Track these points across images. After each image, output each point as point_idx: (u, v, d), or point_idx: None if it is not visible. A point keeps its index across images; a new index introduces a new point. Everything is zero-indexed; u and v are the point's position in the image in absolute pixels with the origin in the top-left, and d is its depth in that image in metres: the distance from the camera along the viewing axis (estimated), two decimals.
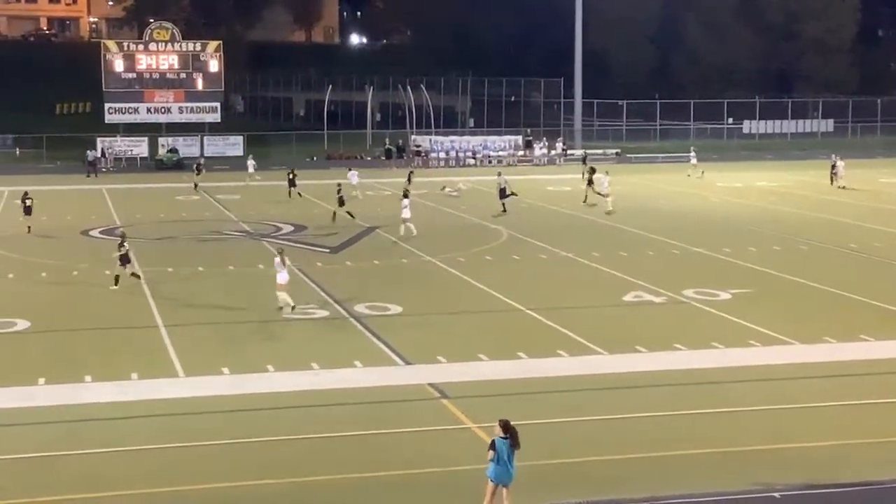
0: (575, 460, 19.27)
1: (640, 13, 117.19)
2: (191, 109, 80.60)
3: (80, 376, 24.32)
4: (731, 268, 37.53)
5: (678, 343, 27.09)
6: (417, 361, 25.66)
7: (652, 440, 20.21)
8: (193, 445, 20.16)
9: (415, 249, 41.02)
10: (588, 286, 34.74)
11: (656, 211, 52.66)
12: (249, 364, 25.27)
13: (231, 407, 22.36)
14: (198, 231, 46.37)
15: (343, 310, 30.95)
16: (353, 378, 24.36)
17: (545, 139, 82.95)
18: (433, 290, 34.03)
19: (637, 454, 19.52)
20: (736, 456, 19.47)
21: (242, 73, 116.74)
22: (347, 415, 21.90)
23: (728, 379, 24.33)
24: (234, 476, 18.59)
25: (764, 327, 28.52)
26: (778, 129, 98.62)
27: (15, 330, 28.81)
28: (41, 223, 48.32)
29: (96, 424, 21.38)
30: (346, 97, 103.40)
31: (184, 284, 35.09)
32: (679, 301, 32.12)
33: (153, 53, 79.72)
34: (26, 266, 37.98)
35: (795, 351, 26.66)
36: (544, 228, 46.30)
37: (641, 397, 22.97)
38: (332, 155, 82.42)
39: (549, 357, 26.04)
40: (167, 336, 28.01)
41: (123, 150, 78.32)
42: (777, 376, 24.60)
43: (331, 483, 18.39)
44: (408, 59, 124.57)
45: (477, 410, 21.80)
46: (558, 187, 63.42)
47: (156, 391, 23.41)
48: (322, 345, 27.09)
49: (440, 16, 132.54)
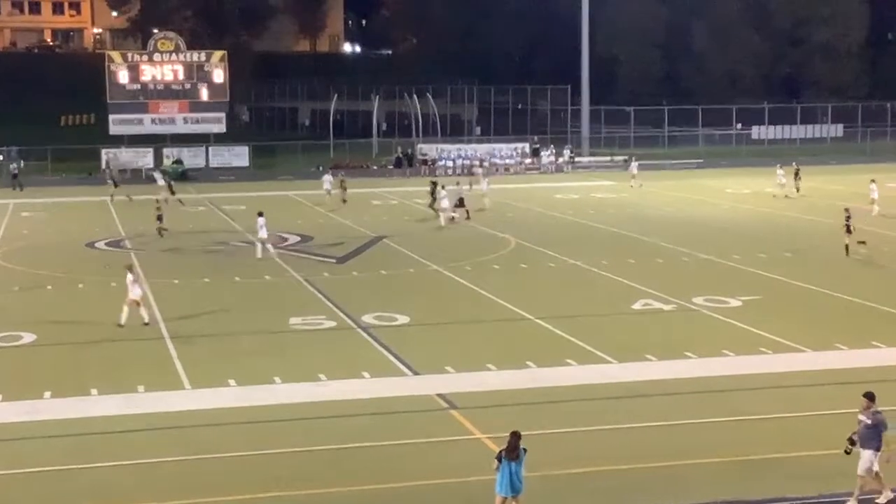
0: (584, 470, 19.08)
1: (647, 20, 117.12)
2: (196, 120, 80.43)
3: (86, 389, 24.19)
4: (740, 275, 37.32)
5: (688, 351, 26.90)
6: (425, 372, 25.50)
7: (662, 449, 20.02)
8: (200, 458, 20.01)
9: (422, 258, 40.87)
10: (597, 294, 34.56)
11: (665, 218, 52.47)
12: (256, 376, 25.12)
13: (238, 419, 22.21)
14: (203, 242, 46.25)
15: (350, 320, 30.79)
16: (361, 389, 24.22)
17: (552, 147, 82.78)
18: (441, 300, 33.86)
19: (647, 463, 19.33)
20: (747, 464, 19.29)
21: (248, 83, 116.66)
22: (355, 426, 21.73)
23: (739, 387, 24.13)
24: (241, 489, 18.43)
25: (774, 334, 28.31)
26: (787, 135, 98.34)
27: (21, 343, 28.68)
28: (46, 236, 48.26)
29: (103, 438, 21.25)
30: (351, 106, 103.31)
31: (190, 296, 34.95)
32: (689, 308, 31.92)
33: (158, 64, 79.59)
34: (32, 279, 37.87)
35: (806, 358, 26.46)
36: (552, 237, 46.11)
37: (651, 406, 22.78)
38: (339, 164, 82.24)
39: (557, 366, 25.87)
40: (173, 348, 27.87)
41: (128, 162, 78.17)
42: (788, 384, 24.42)
43: (339, 495, 18.23)
44: (414, 68, 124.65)
45: (485, 421, 21.64)
46: (566, 195, 63.24)
47: (162, 404, 23.27)
48: (329, 356, 26.93)
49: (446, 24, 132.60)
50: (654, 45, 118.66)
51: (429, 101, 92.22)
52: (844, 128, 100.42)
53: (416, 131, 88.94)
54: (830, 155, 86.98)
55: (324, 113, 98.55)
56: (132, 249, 44.43)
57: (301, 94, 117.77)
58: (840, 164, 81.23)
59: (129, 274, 30.85)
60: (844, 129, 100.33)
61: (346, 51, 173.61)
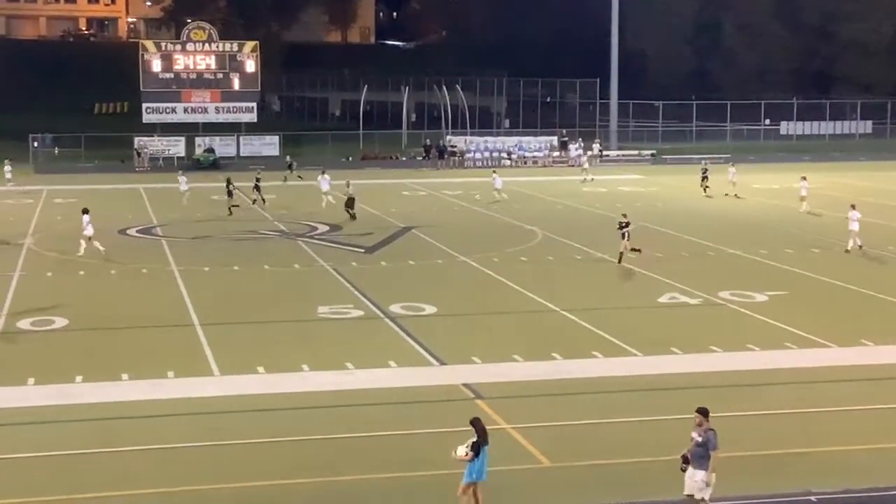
0: (608, 462, 19.22)
1: (676, 14, 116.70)
2: (227, 109, 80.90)
3: (117, 374, 24.48)
4: (767, 270, 37.32)
5: (713, 345, 26.97)
6: (452, 362, 25.67)
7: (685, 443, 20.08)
8: (228, 444, 20.25)
9: (449, 249, 41.05)
10: (623, 287, 34.66)
11: (692, 212, 52.45)
12: (284, 363, 25.36)
13: (266, 406, 22.45)
14: (233, 230, 46.57)
15: (378, 310, 31.00)
16: (388, 378, 24.41)
17: (580, 140, 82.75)
18: (468, 291, 34.02)
19: (671, 456, 19.39)
20: (771, 459, 19.37)
21: (279, 74, 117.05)
22: (382, 415, 21.94)
23: (764, 381, 24.20)
24: (267, 475, 18.66)
25: (800, 329, 28.34)
26: (816, 131, 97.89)
27: (53, 328, 29.03)
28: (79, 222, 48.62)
29: (132, 422, 21.51)
30: (381, 97, 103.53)
31: (220, 283, 35.26)
32: (714, 303, 31.97)
33: (190, 54, 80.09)
34: (64, 264, 38.28)
35: (832, 353, 26.49)
36: (579, 229, 46.20)
37: (676, 399, 22.84)
38: (368, 155, 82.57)
39: (583, 358, 26.00)
40: (203, 335, 28.16)
41: (160, 150, 78.80)
42: (813, 379, 24.46)
43: (365, 483, 18.42)
44: (443, 60, 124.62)
45: (511, 411, 21.79)
46: (594, 188, 63.26)
47: (191, 390, 23.53)
48: (357, 344, 27.14)
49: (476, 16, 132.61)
50: (683, 40, 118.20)
51: (458, 93, 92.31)
52: (873, 124, 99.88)
53: (446, 123, 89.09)
54: (860, 151, 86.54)
55: (354, 103, 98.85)
56: (163, 237, 44.82)
57: (331, 85, 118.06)
58: (869, 160, 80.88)
59: (85, 216, 39.15)
60: (873, 125, 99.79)
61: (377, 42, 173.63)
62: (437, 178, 69.30)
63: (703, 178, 59.53)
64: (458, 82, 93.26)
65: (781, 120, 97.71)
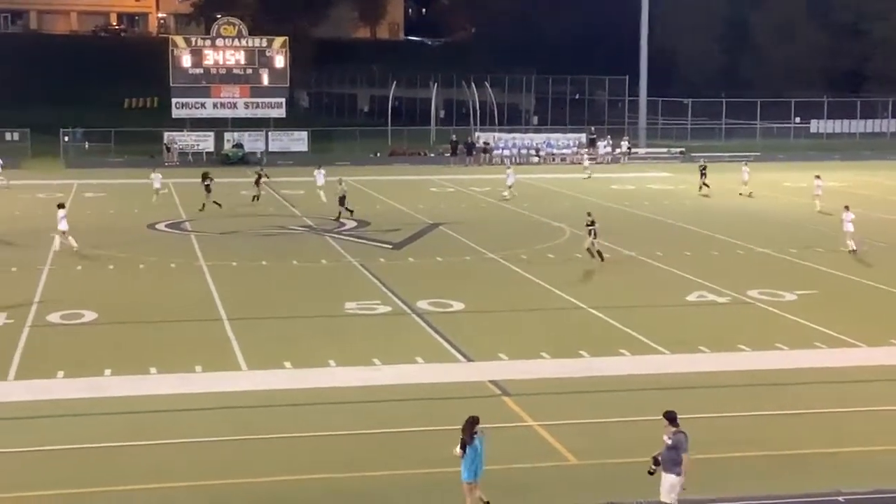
0: (635, 460, 19.11)
1: (706, 12, 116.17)
2: (256, 105, 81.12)
3: (145, 368, 24.62)
4: (796, 268, 37.14)
5: (742, 344, 26.87)
6: (479, 358, 25.68)
7: (711, 441, 20.04)
8: (256, 438, 20.33)
9: (477, 246, 41.04)
10: (651, 285, 34.55)
11: (721, 210, 52.25)
12: (311, 359, 25.43)
13: (293, 401, 22.54)
14: (262, 226, 46.71)
15: (405, 306, 31.04)
16: (415, 374, 24.44)
17: (609, 137, 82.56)
18: (495, 287, 34.01)
19: (698, 455, 19.34)
20: (800, 458, 19.30)
21: (308, 69, 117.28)
22: (408, 411, 21.97)
23: (792, 381, 24.10)
24: (294, 470, 18.72)
25: (830, 329, 28.20)
26: (846, 129, 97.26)
27: (82, 321, 29.22)
28: (108, 217, 49.01)
29: (160, 416, 21.62)
30: (410, 94, 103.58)
31: (247, 278, 35.38)
32: (743, 301, 31.84)
33: (220, 49, 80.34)
34: (94, 259, 38.50)
35: (861, 353, 26.35)
36: (608, 227, 45.89)
37: (704, 398, 22.81)
38: (396, 151, 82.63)
39: (611, 356, 25.96)
40: (231, 330, 28.27)
41: (189, 145, 79.14)
42: (842, 379, 24.34)
43: (390, 479, 18.45)
44: (472, 56, 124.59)
45: (538, 408, 21.79)
46: (622, 186, 63.12)
47: (219, 384, 23.63)
48: (384, 340, 27.18)
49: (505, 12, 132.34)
50: (712, 38, 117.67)
51: (487, 90, 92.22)
52: None
53: (474, 120, 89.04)
54: (890, 150, 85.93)
55: (382, 99, 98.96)
56: (192, 231, 45.01)
57: (360, 81, 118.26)
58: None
59: (60, 210, 39.27)
60: None
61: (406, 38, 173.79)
62: (465, 174, 69.27)
63: (702, 175, 58.80)
64: (486, 79, 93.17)
65: (812, 118, 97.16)
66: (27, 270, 36.11)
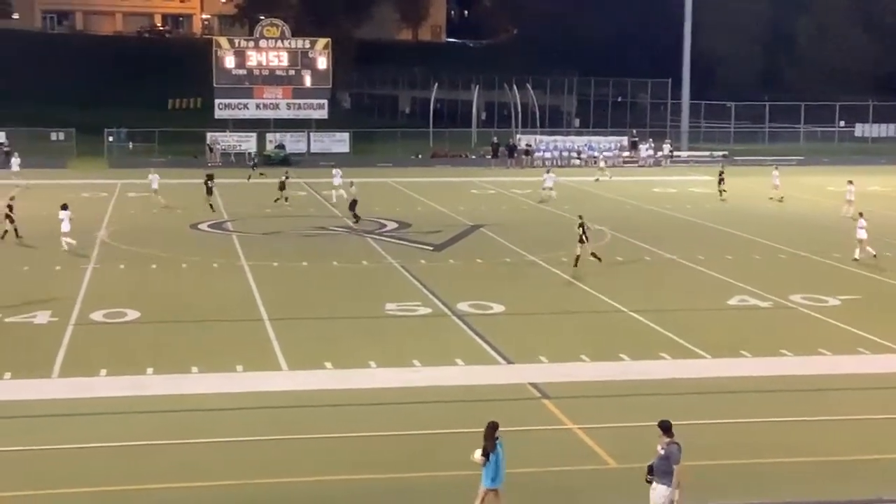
0: None
1: (749, 15, 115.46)
2: (299, 106, 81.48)
3: (187, 367, 24.79)
4: (840, 273, 36.85)
5: (784, 349, 26.69)
6: (519, 361, 25.67)
7: (751, 446, 19.94)
8: (295, 438, 20.43)
9: (518, 248, 41.01)
10: (692, 289, 34.39)
11: (763, 214, 51.93)
12: (352, 359, 25.51)
13: (333, 401, 22.62)
14: (303, 226, 46.89)
15: (445, 307, 31.06)
16: (454, 376, 24.46)
17: (651, 140, 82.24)
18: (536, 290, 33.96)
19: (737, 460, 19.28)
20: (842, 465, 19.14)
21: (350, 71, 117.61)
22: (447, 413, 21.99)
23: (835, 386, 23.91)
24: (333, 470, 18.79)
25: (874, 335, 27.96)
26: (892, 133, 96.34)
27: (125, 320, 29.45)
28: (151, 217, 49.36)
29: (201, 415, 21.78)
30: (451, 95, 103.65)
31: (288, 279, 35.53)
32: (785, 306, 31.63)
33: (263, 50, 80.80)
34: (137, 258, 38.78)
35: None
36: (649, 230, 45.92)
37: (745, 403, 22.69)
38: (437, 153, 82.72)
39: (651, 360, 25.86)
40: (272, 330, 28.40)
41: (232, 146, 79.59)
42: (886, 385, 24.12)
43: (429, 480, 18.49)
44: (514, 58, 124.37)
45: (577, 411, 21.76)
46: (664, 189, 62.86)
47: (260, 384, 23.75)
48: (424, 342, 27.22)
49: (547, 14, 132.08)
50: (755, 41, 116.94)
51: (528, 92, 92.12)
52: None
53: (516, 122, 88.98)
54: None
55: (424, 101, 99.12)
56: (234, 232, 45.26)
57: (402, 83, 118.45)
58: None
59: (63, 211, 39.65)
60: None
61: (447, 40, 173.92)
62: (506, 176, 69.26)
63: (720, 181, 58.19)
64: (528, 81, 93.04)
65: (856, 122, 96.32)
66: (71, 269, 36.46)
